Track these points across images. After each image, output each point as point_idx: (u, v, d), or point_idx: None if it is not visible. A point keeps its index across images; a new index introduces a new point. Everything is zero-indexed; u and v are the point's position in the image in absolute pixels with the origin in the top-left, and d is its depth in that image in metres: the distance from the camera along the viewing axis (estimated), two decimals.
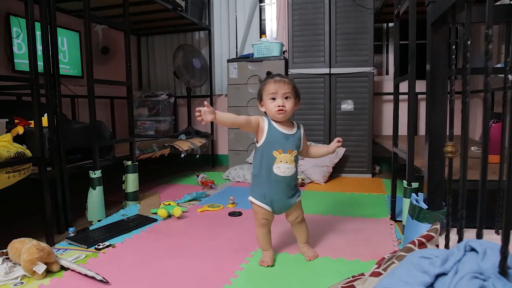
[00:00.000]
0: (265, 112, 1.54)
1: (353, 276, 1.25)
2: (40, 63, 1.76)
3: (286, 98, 1.48)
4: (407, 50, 1.78)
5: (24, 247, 1.42)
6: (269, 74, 1.57)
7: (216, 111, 1.37)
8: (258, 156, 1.52)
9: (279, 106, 1.45)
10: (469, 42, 0.99)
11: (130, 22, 2.44)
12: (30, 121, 1.95)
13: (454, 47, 1.13)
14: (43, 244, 1.45)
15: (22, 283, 1.38)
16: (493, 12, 0.87)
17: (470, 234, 1.11)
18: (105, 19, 2.64)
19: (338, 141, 1.58)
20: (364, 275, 1.20)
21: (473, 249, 0.78)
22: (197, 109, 1.32)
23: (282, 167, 1.47)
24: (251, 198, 1.55)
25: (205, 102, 1.36)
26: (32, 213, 2.30)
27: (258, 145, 1.52)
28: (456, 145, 1.08)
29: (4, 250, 1.52)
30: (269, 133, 1.48)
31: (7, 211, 2.40)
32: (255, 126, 1.49)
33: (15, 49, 2.69)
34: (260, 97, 1.53)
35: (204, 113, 1.32)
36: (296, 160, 1.51)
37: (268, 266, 1.50)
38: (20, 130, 1.91)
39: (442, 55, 1.31)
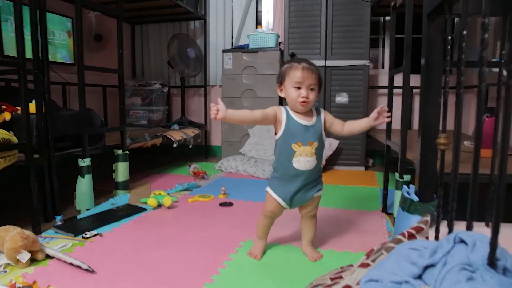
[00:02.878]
0: (283, 98, 1.43)
1: (341, 267, 1.24)
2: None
3: (311, 89, 1.36)
4: (403, 44, 1.76)
5: (8, 235, 1.39)
6: (293, 56, 1.46)
7: (228, 110, 1.29)
8: (277, 149, 1.43)
9: (303, 97, 1.34)
10: (464, 32, 0.98)
11: (124, 10, 2.40)
12: (17, 108, 1.91)
13: (450, 38, 1.11)
14: (28, 232, 1.42)
15: (5, 271, 1.35)
16: (489, 1, 0.85)
17: (460, 226, 1.10)
18: (97, 4, 2.58)
19: (380, 109, 1.37)
20: (353, 266, 1.19)
21: (462, 241, 0.77)
22: (212, 105, 1.27)
23: (302, 160, 1.37)
24: (268, 189, 1.47)
25: (218, 99, 1.30)
26: (19, 201, 2.27)
27: (276, 137, 1.42)
28: (448, 137, 1.06)
29: None
30: (288, 125, 1.38)
31: None
32: (272, 119, 1.39)
33: (5, 33, 2.63)
34: (281, 81, 1.41)
35: (217, 114, 1.26)
36: (317, 152, 1.40)
37: (255, 258, 1.47)
38: (7, 116, 1.87)
39: (438, 46, 1.29)
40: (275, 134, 1.43)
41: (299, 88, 1.35)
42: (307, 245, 1.53)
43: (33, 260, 1.41)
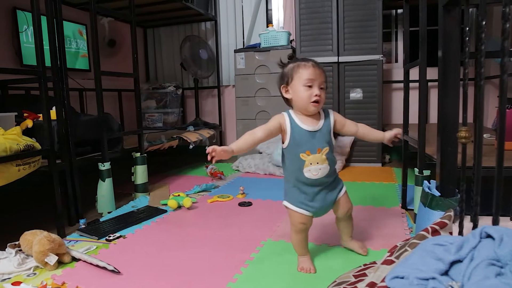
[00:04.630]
0: (287, 99, 1.35)
1: (364, 265, 1.24)
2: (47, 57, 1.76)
3: (321, 88, 1.29)
4: (417, 37, 1.74)
5: (36, 239, 1.43)
6: (291, 58, 1.41)
7: (231, 146, 1.25)
8: (286, 159, 1.36)
9: (316, 95, 1.26)
10: (484, 23, 0.96)
11: (136, 14, 2.43)
12: (39, 115, 1.96)
13: (467, 29, 1.09)
14: (54, 236, 1.46)
15: (35, 274, 1.39)
16: None
17: (484, 221, 1.09)
18: (111, 11, 2.63)
19: (398, 134, 1.42)
20: (376, 263, 1.19)
21: (489, 236, 0.76)
22: (208, 150, 1.21)
23: (314, 169, 1.29)
24: (286, 203, 1.38)
25: (210, 148, 1.21)
26: (43, 205, 2.32)
27: (283, 146, 1.34)
28: (469, 130, 1.05)
29: (17, 242, 1.54)
30: (293, 134, 1.30)
31: (18, 204, 2.43)
32: (277, 132, 1.32)
33: (22, 43, 2.70)
34: (287, 81, 1.32)
35: (218, 155, 1.20)
36: (329, 157, 1.32)
37: (310, 272, 1.35)
38: (29, 123, 1.92)
39: (455, 38, 1.27)
40: (282, 143, 1.36)
41: (310, 86, 1.27)
42: (350, 240, 1.51)
43: (60, 263, 1.46)
